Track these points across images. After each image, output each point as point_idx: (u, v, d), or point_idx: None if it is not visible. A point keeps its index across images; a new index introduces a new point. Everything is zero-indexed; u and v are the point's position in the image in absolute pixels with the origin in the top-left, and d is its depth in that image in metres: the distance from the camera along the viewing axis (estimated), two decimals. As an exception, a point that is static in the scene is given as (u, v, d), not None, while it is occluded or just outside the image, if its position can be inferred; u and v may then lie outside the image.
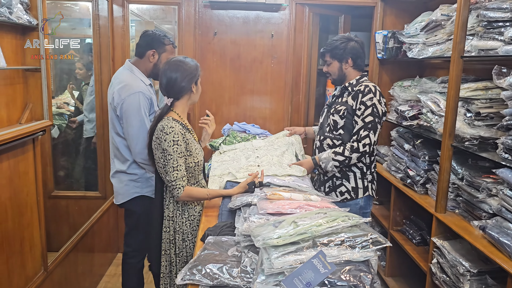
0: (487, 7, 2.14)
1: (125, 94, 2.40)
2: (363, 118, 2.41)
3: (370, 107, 2.40)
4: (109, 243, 3.67)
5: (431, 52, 2.72)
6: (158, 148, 2.07)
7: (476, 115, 2.29)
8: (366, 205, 2.60)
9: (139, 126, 2.40)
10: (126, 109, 2.40)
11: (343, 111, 2.49)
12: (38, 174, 2.29)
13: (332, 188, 2.60)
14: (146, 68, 2.55)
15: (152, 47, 2.50)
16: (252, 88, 3.68)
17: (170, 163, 2.03)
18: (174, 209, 2.19)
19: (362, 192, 2.57)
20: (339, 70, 2.57)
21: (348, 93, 2.54)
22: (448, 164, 2.37)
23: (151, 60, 2.52)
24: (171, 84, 2.09)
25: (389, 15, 3.55)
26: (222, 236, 1.74)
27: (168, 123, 2.04)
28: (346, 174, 2.56)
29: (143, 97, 2.41)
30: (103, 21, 3.38)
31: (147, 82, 2.54)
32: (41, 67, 2.18)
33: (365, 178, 2.57)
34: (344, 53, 2.53)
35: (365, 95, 2.43)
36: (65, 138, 3.83)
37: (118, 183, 2.60)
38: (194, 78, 2.14)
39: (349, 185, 2.56)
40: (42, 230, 2.37)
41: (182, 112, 2.18)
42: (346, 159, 2.42)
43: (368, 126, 2.40)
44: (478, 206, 2.22)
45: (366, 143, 2.40)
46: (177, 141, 2.03)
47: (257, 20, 3.59)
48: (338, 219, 1.40)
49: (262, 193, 1.89)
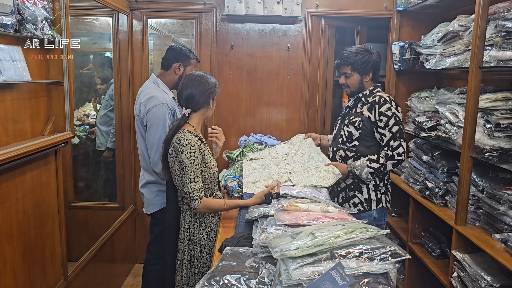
0: (506, 17, 2.12)
1: (151, 105, 2.53)
2: (389, 129, 2.41)
3: (392, 117, 2.41)
4: (127, 254, 3.71)
5: (449, 63, 2.70)
6: (175, 160, 2.10)
7: (496, 126, 2.26)
8: (380, 217, 2.58)
9: (160, 136, 2.50)
10: (151, 118, 2.53)
11: (359, 122, 2.49)
12: (60, 185, 2.34)
13: (345, 199, 2.59)
14: (171, 80, 2.69)
15: (178, 60, 2.66)
16: (269, 100, 3.71)
17: (188, 175, 2.06)
18: (191, 221, 2.21)
19: (376, 204, 2.54)
20: (359, 83, 2.56)
21: (362, 104, 2.54)
22: (468, 175, 2.33)
23: (177, 73, 2.67)
24: (191, 97, 2.16)
25: (406, 26, 3.55)
26: (239, 247, 1.75)
27: (185, 135, 2.08)
28: (359, 185, 2.54)
29: (166, 107, 2.53)
30: (123, 35, 3.47)
31: (170, 94, 2.67)
32: (64, 81, 2.24)
33: (378, 190, 2.55)
34: (367, 67, 2.52)
35: (382, 105, 2.43)
36: (85, 149, 3.91)
37: (149, 194, 2.71)
38: (213, 94, 2.23)
39: (362, 196, 2.54)
40: (63, 240, 2.41)
41: (197, 125, 2.22)
42: (381, 166, 2.40)
43: (397, 136, 2.41)
44: (499, 219, 2.18)
45: (401, 152, 2.40)
46: (194, 153, 2.07)
47: (273, 32, 3.63)
48: (356, 230, 1.39)
49: (279, 204, 1.89)
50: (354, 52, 2.53)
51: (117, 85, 3.49)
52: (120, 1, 3.29)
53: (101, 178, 3.99)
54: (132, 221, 3.75)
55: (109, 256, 3.30)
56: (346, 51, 2.57)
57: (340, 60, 2.57)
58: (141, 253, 3.76)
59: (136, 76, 3.59)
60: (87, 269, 2.83)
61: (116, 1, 3.17)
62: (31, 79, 1.97)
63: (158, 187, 2.67)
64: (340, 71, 2.61)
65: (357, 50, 2.54)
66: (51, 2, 2.15)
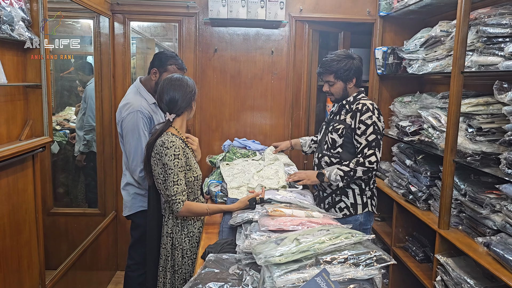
0: (487, 23, 2.15)
1: (125, 112, 2.51)
2: (366, 137, 2.40)
3: (371, 126, 2.39)
4: (108, 261, 3.62)
5: (431, 67, 2.73)
6: (158, 163, 2.06)
7: (477, 130, 2.29)
8: (366, 221, 2.58)
9: (135, 144, 2.48)
10: (125, 127, 2.50)
11: (342, 129, 2.48)
12: (37, 191, 2.27)
13: (331, 205, 2.58)
14: (151, 85, 2.64)
15: (154, 65, 2.61)
16: (253, 104, 3.69)
17: (171, 177, 2.03)
18: (173, 225, 2.17)
19: (362, 208, 2.54)
20: (343, 90, 2.53)
21: (346, 111, 2.53)
22: (451, 179, 2.35)
23: (153, 78, 2.62)
24: (174, 102, 2.13)
25: (389, 31, 3.58)
26: (223, 253, 1.72)
27: (168, 137, 2.05)
28: (344, 190, 2.54)
29: (140, 115, 2.49)
30: (104, 39, 3.41)
31: (150, 100, 2.61)
32: (41, 84, 2.18)
33: (364, 195, 2.54)
34: (350, 73, 2.49)
35: (363, 113, 2.41)
36: (65, 154, 3.82)
37: (127, 196, 2.68)
38: (194, 96, 2.21)
39: (348, 201, 2.53)
40: (41, 247, 2.33)
41: (180, 128, 2.19)
42: (351, 171, 2.38)
43: (372, 144, 2.39)
44: (481, 222, 2.19)
45: (373, 161, 2.38)
46: (177, 155, 2.04)
47: (257, 37, 3.62)
48: (341, 236, 1.38)
49: (263, 209, 1.87)
50: (336, 60, 2.48)
51: (98, 89, 3.42)
52: (101, 3, 3.24)
53: (81, 184, 3.91)
54: (113, 227, 3.67)
55: (89, 263, 3.22)
56: (327, 59, 2.52)
57: (322, 69, 2.53)
58: (122, 260, 3.68)
59: (117, 80, 3.53)
60: (66, 278, 2.75)
61: (97, 3, 3.12)
62: (6, 82, 1.91)
63: (136, 190, 2.64)
64: (322, 79, 2.58)
65: (338, 58, 2.49)
66: (28, 3, 2.09)
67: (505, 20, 2.05)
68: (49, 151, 3.30)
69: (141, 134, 2.48)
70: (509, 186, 1.95)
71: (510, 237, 1.97)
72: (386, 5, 3.43)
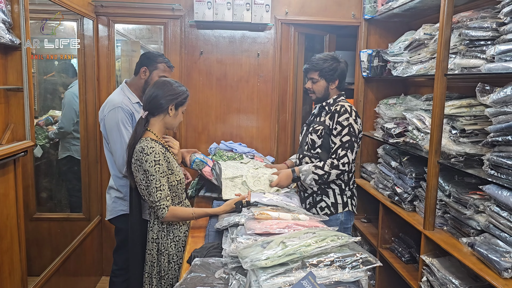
0: (469, 26, 2.19)
1: (107, 111, 2.50)
2: (340, 138, 2.46)
3: (346, 127, 2.45)
4: (93, 266, 3.57)
5: (415, 70, 2.76)
6: (139, 170, 2.03)
7: (461, 132, 2.31)
8: (347, 220, 2.63)
9: (119, 140, 2.45)
10: (107, 125, 2.49)
11: (321, 131, 2.55)
12: (19, 196, 2.22)
13: (312, 205, 2.62)
14: (139, 85, 2.62)
15: (144, 64, 2.59)
16: (239, 107, 3.68)
17: (153, 184, 2.00)
18: (159, 231, 2.15)
19: (342, 207, 2.59)
20: (325, 90, 2.60)
21: (326, 113, 2.59)
22: (435, 181, 2.37)
23: (142, 77, 2.60)
24: (151, 99, 2.11)
25: (373, 34, 3.61)
26: (209, 257, 1.71)
27: (148, 143, 2.02)
28: (325, 190, 2.59)
29: (121, 111, 2.47)
30: (88, 41, 3.37)
31: (133, 100, 2.59)
32: (23, 87, 2.14)
33: (344, 194, 2.60)
34: (334, 74, 2.57)
35: (341, 115, 2.48)
36: (48, 158, 3.75)
37: (109, 199, 2.67)
38: (175, 100, 2.14)
39: (329, 200, 2.58)
40: (23, 253, 2.28)
41: (159, 132, 2.16)
42: (325, 174, 2.43)
43: (345, 146, 2.44)
44: (466, 223, 2.22)
45: (345, 162, 2.43)
46: (158, 161, 2.02)
47: (243, 39, 3.61)
48: (327, 238, 1.37)
49: (250, 212, 1.86)
50: (323, 59, 2.57)
51: (82, 92, 3.38)
52: (85, 5, 3.20)
53: (65, 188, 3.85)
54: (98, 232, 3.62)
55: (73, 269, 3.16)
56: (315, 57, 2.61)
57: (309, 65, 2.61)
58: (108, 265, 3.62)
59: (102, 83, 3.49)
60: (50, 284, 2.70)
61: (80, 5, 3.08)
62: (-13, 85, 1.87)
63: (116, 193, 2.61)
64: (307, 76, 2.66)
65: (326, 57, 2.59)
66: (9, 5, 2.05)
67: (486, 23, 2.08)
68: (32, 155, 3.24)
69: (123, 129, 2.45)
70: (492, 187, 1.98)
71: (493, 237, 1.99)
72: (370, 9, 3.46)
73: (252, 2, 3.39)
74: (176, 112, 2.17)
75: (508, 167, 1.89)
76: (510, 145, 1.91)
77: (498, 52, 1.95)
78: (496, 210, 1.96)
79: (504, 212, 1.92)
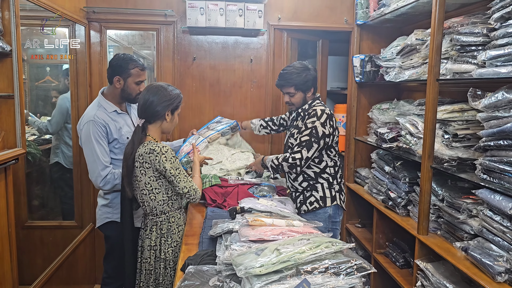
0: (460, 31, 2.20)
1: (82, 124, 2.46)
2: (300, 136, 2.55)
3: (309, 129, 2.53)
4: (85, 275, 3.53)
5: (408, 75, 2.77)
6: (147, 172, 2.04)
7: (453, 136, 2.33)
8: (335, 214, 2.68)
9: (90, 154, 2.42)
10: (81, 139, 2.47)
11: (296, 133, 2.64)
12: (10, 205, 2.19)
13: (303, 202, 2.70)
14: (115, 93, 2.55)
15: (116, 73, 2.50)
16: (232, 112, 3.68)
17: (182, 174, 2.09)
18: (157, 237, 2.13)
19: (330, 201, 2.65)
20: (303, 100, 2.69)
21: (301, 118, 2.68)
22: (429, 185, 2.38)
23: (117, 86, 2.52)
24: (146, 106, 2.11)
25: (366, 39, 3.63)
26: (203, 265, 1.69)
27: (158, 144, 2.06)
28: (314, 186, 2.67)
29: (93, 125, 2.41)
30: (80, 47, 3.35)
31: (110, 109, 2.52)
32: (14, 94, 2.12)
33: (332, 188, 2.67)
34: (309, 84, 2.64)
35: (310, 118, 2.56)
36: (40, 165, 3.72)
37: (97, 207, 2.64)
38: (171, 106, 2.14)
39: (318, 194, 2.66)
40: (14, 262, 2.25)
41: (157, 137, 2.18)
42: (279, 165, 2.57)
43: (302, 144, 2.52)
44: (459, 227, 2.22)
45: (296, 157, 2.50)
46: (173, 157, 2.08)
47: (236, 45, 3.62)
48: (321, 245, 1.37)
49: (244, 219, 1.85)
50: (295, 73, 2.61)
51: (74, 98, 3.35)
52: (77, 12, 3.19)
53: (57, 195, 3.81)
54: (91, 239, 3.58)
55: (66, 277, 3.12)
56: (286, 71, 2.64)
57: (282, 81, 2.65)
58: (100, 274, 3.57)
59: (94, 89, 3.47)
60: (41, 293, 2.67)
61: (72, 12, 3.06)
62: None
63: (102, 201, 2.59)
64: (283, 91, 2.71)
65: (297, 70, 2.62)
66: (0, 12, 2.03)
67: (477, 29, 2.09)
68: (24, 163, 3.21)
69: (96, 144, 2.40)
70: (484, 191, 1.99)
71: (486, 242, 2.00)
72: (363, 14, 3.48)
73: (245, 8, 3.40)
74: (172, 117, 2.20)
75: (500, 172, 1.90)
76: (502, 150, 1.92)
77: (489, 57, 1.96)
78: (489, 214, 1.97)
79: (497, 216, 1.92)
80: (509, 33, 1.88)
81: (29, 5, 2.54)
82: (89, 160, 2.42)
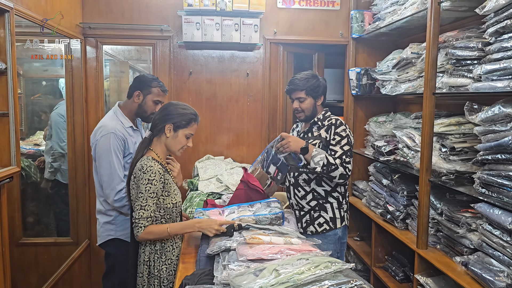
0: (455, 46, 2.21)
1: (99, 135, 2.44)
2: (341, 146, 2.41)
3: (345, 138, 2.43)
4: (81, 292, 3.48)
5: (404, 88, 2.78)
6: (134, 187, 2.02)
7: (451, 150, 2.32)
8: (344, 235, 2.58)
9: (108, 168, 2.40)
10: (98, 150, 2.44)
11: (318, 144, 2.48)
12: (4, 224, 2.16)
13: (310, 222, 2.55)
14: (132, 109, 2.58)
15: (137, 88, 2.55)
16: (229, 126, 3.67)
17: (139, 201, 1.98)
18: (151, 253, 2.10)
19: (340, 222, 2.54)
20: (313, 107, 2.57)
21: (318, 127, 2.55)
22: (427, 199, 2.37)
23: (136, 101, 2.55)
24: (155, 120, 2.14)
25: (361, 53, 3.65)
26: (200, 285, 1.66)
27: (147, 162, 2.01)
28: (323, 205, 2.52)
29: (114, 137, 2.42)
30: (76, 62, 3.34)
31: (127, 124, 2.54)
32: (9, 112, 2.10)
33: (341, 208, 2.55)
34: (319, 91, 2.55)
35: (338, 126, 2.47)
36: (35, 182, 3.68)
37: (98, 224, 2.60)
38: (170, 120, 2.10)
39: (327, 215, 2.52)
40: (8, 282, 2.21)
41: (161, 153, 2.14)
42: (334, 165, 2.30)
43: (348, 154, 2.39)
44: (459, 242, 2.21)
45: (350, 168, 2.36)
46: (152, 181, 1.98)
47: (232, 59, 3.62)
48: (320, 265, 1.35)
49: (241, 237, 1.83)
50: (305, 78, 2.55)
51: (70, 113, 3.34)
52: (73, 27, 3.19)
53: (52, 212, 3.77)
54: (87, 256, 3.54)
55: (61, 296, 3.08)
56: (296, 77, 2.57)
57: (293, 86, 2.55)
58: None
59: (90, 105, 3.46)
60: (36, 313, 2.62)
61: (68, 28, 3.06)
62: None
63: (105, 218, 2.54)
64: (292, 97, 2.59)
65: (307, 76, 2.57)
66: (-5, 29, 2.03)
67: (472, 43, 2.10)
68: (18, 180, 3.18)
69: (114, 156, 2.40)
70: (483, 205, 1.97)
71: (487, 256, 1.98)
72: (358, 28, 3.50)
73: (241, 23, 3.41)
74: (175, 134, 2.12)
75: (498, 186, 1.89)
76: (500, 164, 1.91)
77: (485, 71, 1.97)
78: (488, 228, 1.95)
79: (496, 231, 1.91)
80: (504, 47, 1.89)
81: (24, 22, 2.53)
82: (106, 173, 2.39)
